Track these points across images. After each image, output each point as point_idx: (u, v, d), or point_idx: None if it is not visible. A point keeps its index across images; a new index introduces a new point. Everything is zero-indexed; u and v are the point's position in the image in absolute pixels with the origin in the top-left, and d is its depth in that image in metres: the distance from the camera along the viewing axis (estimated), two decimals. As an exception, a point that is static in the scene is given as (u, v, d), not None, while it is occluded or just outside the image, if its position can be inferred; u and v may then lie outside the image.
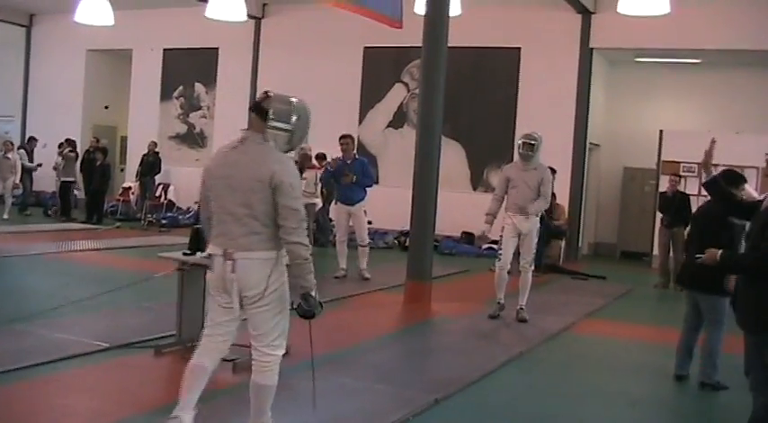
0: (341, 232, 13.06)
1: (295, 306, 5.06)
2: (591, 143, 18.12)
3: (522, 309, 10.18)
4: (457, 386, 7.09)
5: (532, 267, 10.27)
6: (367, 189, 12.97)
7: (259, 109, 5.00)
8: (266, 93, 5.08)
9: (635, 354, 8.31)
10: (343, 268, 12.94)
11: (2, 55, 15.31)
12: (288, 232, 4.88)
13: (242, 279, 4.92)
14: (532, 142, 10.04)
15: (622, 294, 13.25)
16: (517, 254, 10.22)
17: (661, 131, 17.22)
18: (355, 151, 13.38)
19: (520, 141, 10.20)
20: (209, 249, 5.11)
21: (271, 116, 4.93)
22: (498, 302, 10.13)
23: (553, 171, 15.40)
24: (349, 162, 12.90)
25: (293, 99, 5.09)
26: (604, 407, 7.03)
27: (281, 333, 5.17)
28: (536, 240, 10.29)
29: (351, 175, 12.66)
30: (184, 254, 7.39)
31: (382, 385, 7.05)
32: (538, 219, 10.20)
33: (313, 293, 5.01)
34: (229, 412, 6.13)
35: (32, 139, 21.93)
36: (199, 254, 7.28)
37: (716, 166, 6.58)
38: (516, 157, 10.30)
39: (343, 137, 13.26)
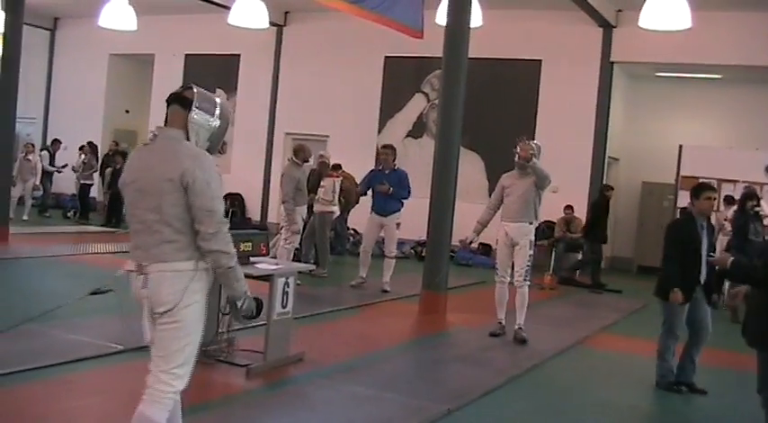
0: (367, 242, 13.01)
1: (227, 311, 4.53)
2: (610, 157, 18.10)
3: (520, 328, 9.70)
4: (470, 397, 7.09)
5: (528, 282, 9.73)
6: (403, 201, 12.91)
7: (182, 99, 4.43)
8: (189, 85, 4.56)
9: (649, 369, 8.25)
10: (362, 276, 12.90)
11: (26, 57, 15.45)
12: (205, 238, 4.24)
13: (154, 295, 4.26)
14: (529, 149, 9.56)
15: (638, 309, 13.20)
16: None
17: (680, 146, 17.15)
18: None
19: (515, 150, 9.71)
20: (127, 266, 4.44)
21: (195, 105, 4.40)
22: (499, 322, 9.81)
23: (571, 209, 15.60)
24: (387, 172, 12.88)
25: (217, 97, 4.62)
26: (616, 421, 7.02)
27: (185, 361, 4.36)
28: (530, 253, 9.71)
29: (387, 185, 12.65)
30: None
31: (395, 394, 7.04)
32: (532, 228, 9.75)
33: (240, 303, 4.43)
34: (242, 418, 6.15)
35: (56, 142, 22.00)
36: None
37: (735, 182, 6.62)
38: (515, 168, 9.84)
39: (383, 147, 13.34)
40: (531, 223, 9.66)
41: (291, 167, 12.65)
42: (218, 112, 4.49)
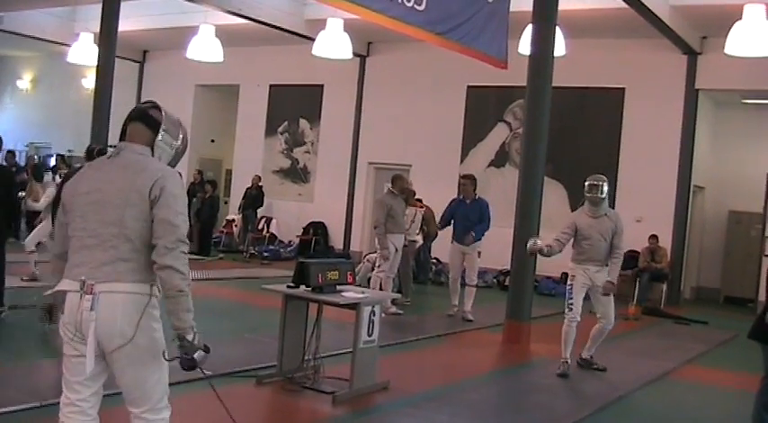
0: (454, 271, 13.07)
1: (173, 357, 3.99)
2: (695, 185, 17.84)
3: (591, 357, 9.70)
4: (555, 428, 7.07)
5: (611, 326, 9.47)
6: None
7: (149, 119, 4.18)
8: (155, 105, 4.28)
9: (737, 403, 8.11)
10: (455, 305, 12.98)
11: (116, 89, 15.96)
12: (160, 253, 3.86)
13: (104, 320, 3.82)
14: (601, 183, 9.36)
15: (726, 341, 12.97)
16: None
17: (768, 175, 16.90)
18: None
19: (587, 184, 9.47)
20: (60, 285, 3.99)
21: (163, 128, 4.16)
22: (565, 361, 9.30)
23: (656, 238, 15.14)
24: (468, 202, 12.97)
25: (178, 118, 4.37)
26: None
27: (164, 391, 4.09)
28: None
29: (471, 236, 12.68)
30: (288, 287, 7.52)
31: (479, 424, 7.05)
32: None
33: (190, 337, 3.91)
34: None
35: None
36: (303, 287, 7.43)
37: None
38: (585, 203, 9.50)
39: (463, 177, 13.43)
40: (607, 265, 9.39)
41: (387, 195, 12.82)
42: (181, 135, 4.32)
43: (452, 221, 13.05)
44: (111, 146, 4.10)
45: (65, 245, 4.11)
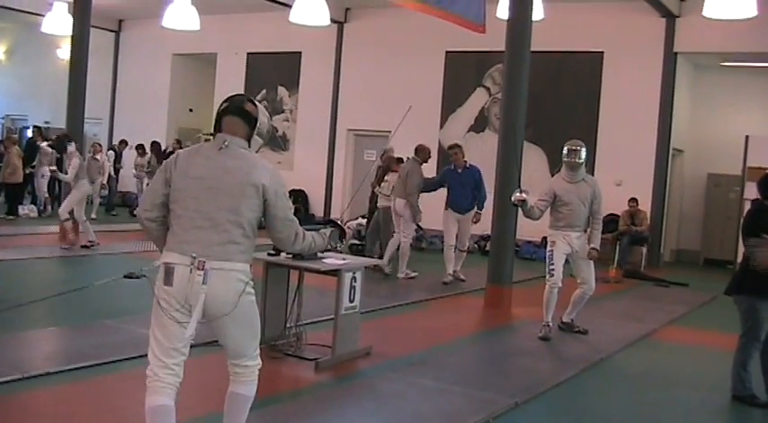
0: (449, 238, 13.16)
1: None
2: (674, 149, 17.88)
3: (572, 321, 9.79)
4: (537, 390, 7.10)
5: (592, 291, 9.54)
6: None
7: (246, 115, 4.59)
8: (248, 98, 4.73)
9: (718, 363, 8.17)
10: (450, 273, 13.08)
11: (91, 59, 15.88)
12: (286, 246, 4.82)
13: (213, 293, 4.33)
14: (579, 148, 9.39)
15: (706, 302, 13.06)
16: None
17: (747, 137, 16.92)
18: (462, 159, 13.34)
19: (566, 149, 9.49)
20: (167, 258, 4.42)
21: (259, 126, 4.61)
22: (547, 324, 9.40)
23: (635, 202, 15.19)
24: (460, 171, 13.07)
25: (264, 110, 4.78)
26: (686, 416, 6.95)
27: (257, 345, 4.73)
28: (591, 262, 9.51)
29: (478, 213, 13.13)
30: (269, 254, 7.50)
31: (462, 387, 7.07)
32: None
33: (334, 244, 5.28)
34: (312, 410, 6.23)
35: (123, 142, 22.42)
36: (283, 255, 7.42)
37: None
38: (563, 168, 9.53)
39: (451, 147, 13.58)
40: (585, 231, 9.50)
41: (414, 163, 12.86)
42: (268, 125, 4.78)
43: (447, 189, 13.24)
44: (208, 134, 4.50)
45: (161, 211, 4.55)
